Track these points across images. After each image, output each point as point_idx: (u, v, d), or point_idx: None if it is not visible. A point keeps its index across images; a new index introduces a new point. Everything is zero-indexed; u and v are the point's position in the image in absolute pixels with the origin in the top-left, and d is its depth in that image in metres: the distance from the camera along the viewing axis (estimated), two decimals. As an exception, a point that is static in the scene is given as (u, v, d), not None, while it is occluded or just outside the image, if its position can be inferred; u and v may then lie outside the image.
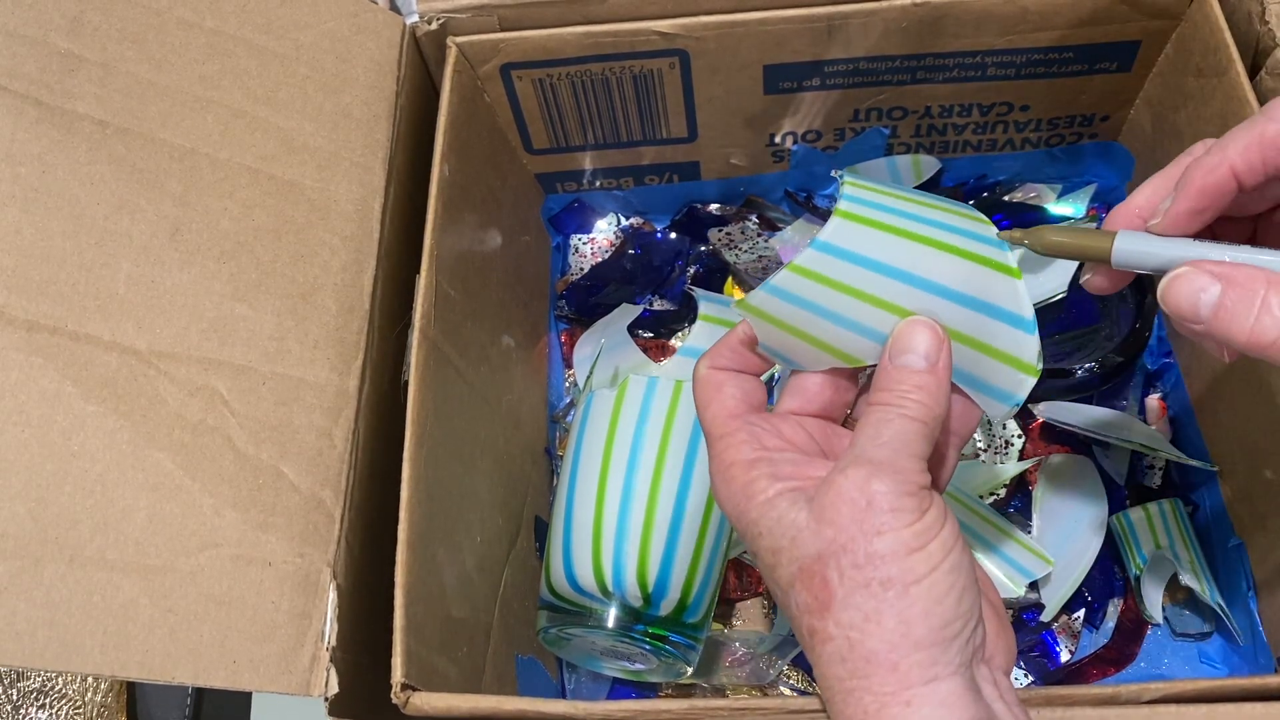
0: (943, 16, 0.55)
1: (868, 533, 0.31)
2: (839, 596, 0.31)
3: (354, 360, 0.48)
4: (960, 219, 0.37)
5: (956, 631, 0.31)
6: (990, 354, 0.37)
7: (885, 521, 0.31)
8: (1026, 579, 0.57)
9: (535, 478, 0.61)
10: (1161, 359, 0.63)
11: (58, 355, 0.42)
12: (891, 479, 0.32)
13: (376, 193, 0.52)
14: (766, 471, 0.34)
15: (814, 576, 0.32)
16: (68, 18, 0.47)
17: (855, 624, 0.31)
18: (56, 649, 0.38)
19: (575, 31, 0.56)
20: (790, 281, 0.36)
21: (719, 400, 0.36)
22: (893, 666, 0.31)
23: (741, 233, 0.69)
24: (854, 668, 0.31)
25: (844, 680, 0.31)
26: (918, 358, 0.35)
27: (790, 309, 0.36)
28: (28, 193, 0.43)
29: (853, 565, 0.31)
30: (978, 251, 0.37)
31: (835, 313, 0.36)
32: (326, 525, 0.44)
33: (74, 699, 0.61)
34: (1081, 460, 0.61)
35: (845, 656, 0.31)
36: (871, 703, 0.30)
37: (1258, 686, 0.39)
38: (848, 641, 0.31)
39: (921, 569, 0.31)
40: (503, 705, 0.40)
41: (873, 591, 0.31)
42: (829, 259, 0.36)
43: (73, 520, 0.40)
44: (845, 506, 0.32)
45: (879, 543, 0.31)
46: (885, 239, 0.36)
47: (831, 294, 0.36)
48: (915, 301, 0.36)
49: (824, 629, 0.32)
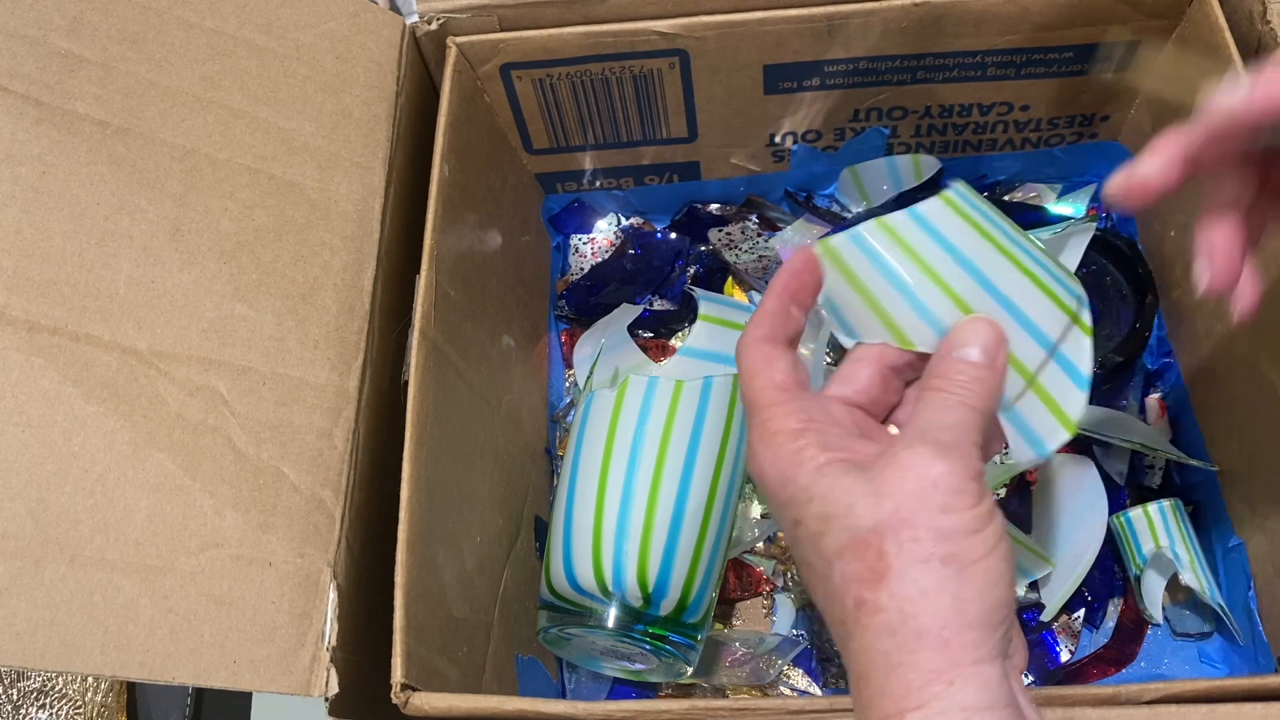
0: (943, 16, 0.55)
1: (931, 510, 0.31)
2: (895, 569, 0.31)
3: (354, 360, 0.48)
4: (1052, 263, 0.38)
5: (1003, 617, 0.32)
6: (1037, 391, 0.37)
7: (950, 501, 0.32)
8: (1026, 579, 0.57)
9: (535, 478, 0.61)
10: (1161, 359, 0.63)
11: (58, 355, 0.42)
12: (958, 461, 0.32)
13: (376, 193, 0.52)
14: (816, 440, 0.34)
15: (869, 547, 0.32)
16: (68, 18, 0.47)
17: (911, 597, 0.31)
18: (57, 649, 0.38)
19: (575, 31, 0.56)
20: (875, 236, 0.36)
21: (768, 372, 0.36)
22: (944, 643, 0.31)
23: (741, 233, 0.69)
24: (903, 641, 0.31)
25: (890, 654, 0.31)
26: (978, 352, 0.35)
27: (866, 265, 0.36)
28: (28, 193, 0.43)
29: (913, 539, 0.31)
30: (1059, 294, 0.37)
31: (906, 285, 0.36)
32: (327, 525, 0.44)
33: (74, 699, 0.61)
34: (1081, 460, 0.61)
35: (896, 629, 0.31)
36: (915, 679, 0.30)
37: (1258, 686, 0.39)
38: (900, 614, 0.31)
39: (980, 551, 0.31)
40: (503, 705, 0.40)
41: (932, 568, 0.31)
42: (919, 231, 0.36)
43: (73, 520, 0.40)
44: (910, 482, 0.32)
45: (943, 520, 0.31)
46: (977, 238, 0.36)
47: (909, 265, 0.36)
48: (984, 305, 0.36)
49: (875, 600, 0.31)
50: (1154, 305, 0.59)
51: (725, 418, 0.54)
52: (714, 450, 0.54)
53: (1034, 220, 0.67)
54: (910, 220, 0.36)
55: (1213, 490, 0.58)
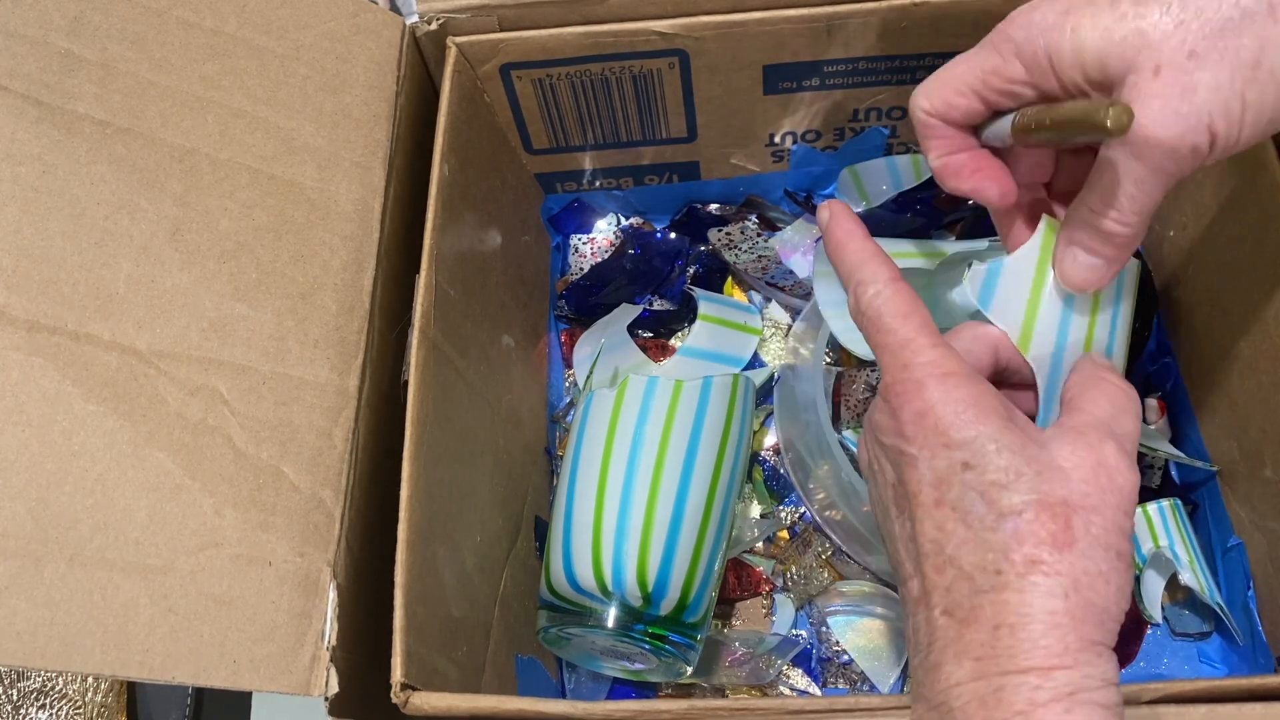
0: (943, 16, 0.55)
1: (1120, 508, 0.35)
2: (1080, 545, 0.34)
3: (354, 360, 0.48)
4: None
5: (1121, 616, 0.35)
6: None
7: (1131, 505, 0.35)
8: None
9: (535, 478, 0.61)
10: (1161, 359, 0.63)
11: (58, 355, 0.42)
12: (1136, 475, 0.36)
13: (376, 192, 0.52)
14: (992, 392, 0.37)
15: (1058, 516, 0.34)
16: (68, 18, 0.47)
17: (1089, 572, 0.34)
18: (57, 648, 0.38)
19: (575, 31, 0.56)
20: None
21: (920, 313, 0.38)
22: (1100, 622, 0.34)
23: (741, 233, 0.69)
24: (1072, 607, 0.33)
25: (1055, 614, 0.33)
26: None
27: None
28: (28, 193, 0.43)
29: (1101, 527, 0.34)
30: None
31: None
32: (326, 525, 0.44)
33: (74, 699, 0.61)
34: (1081, 460, 0.61)
35: (1069, 594, 0.33)
36: (1074, 641, 0.33)
37: (1257, 686, 0.39)
38: (1074, 584, 0.33)
39: (1131, 553, 0.35)
40: (502, 705, 0.40)
41: (1109, 557, 0.34)
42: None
43: (73, 520, 0.40)
44: (1104, 476, 0.35)
45: (1125, 521, 0.35)
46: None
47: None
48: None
49: (1054, 564, 0.34)
50: (1154, 305, 0.59)
51: (725, 417, 0.54)
52: (714, 450, 0.54)
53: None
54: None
55: (1212, 490, 0.58)
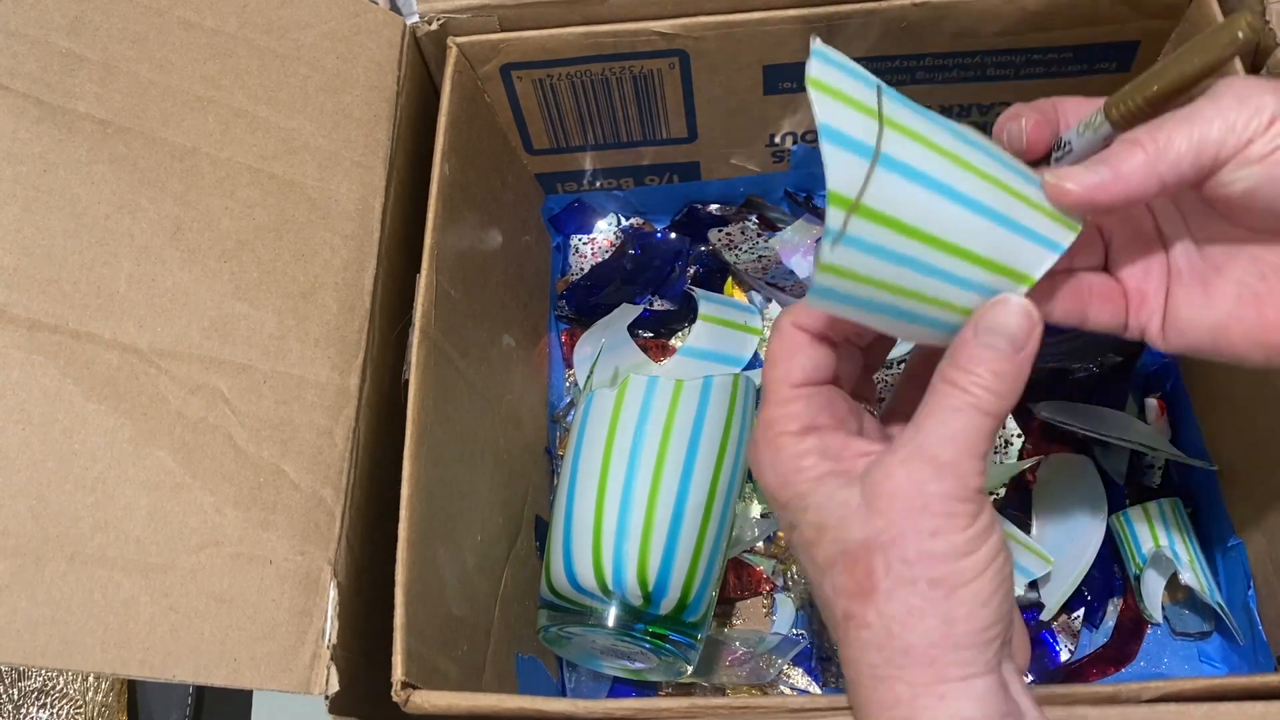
0: (943, 17, 0.55)
1: (921, 532, 0.31)
2: (883, 588, 0.31)
3: (354, 359, 0.48)
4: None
5: (995, 635, 0.32)
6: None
7: (940, 524, 0.31)
8: (1026, 578, 0.57)
9: (535, 477, 0.61)
10: (1161, 359, 0.63)
11: (59, 354, 0.42)
12: (952, 482, 0.32)
13: (377, 192, 0.52)
14: (817, 446, 0.34)
15: (858, 563, 0.32)
16: (68, 17, 0.47)
17: (897, 617, 0.31)
18: (57, 647, 0.38)
19: (575, 32, 0.56)
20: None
21: (786, 365, 0.35)
22: (930, 661, 0.31)
23: (741, 233, 0.69)
24: (889, 657, 0.31)
25: (877, 667, 0.31)
26: (1004, 340, 0.33)
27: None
28: (29, 192, 0.43)
29: (901, 560, 0.31)
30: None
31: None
32: (327, 523, 0.44)
33: (75, 698, 0.61)
34: (1081, 460, 0.61)
35: (883, 645, 0.31)
36: (905, 691, 0.31)
37: (1257, 685, 0.39)
38: (887, 632, 0.31)
39: (969, 573, 0.31)
40: (503, 704, 0.40)
41: (919, 590, 0.31)
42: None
43: (73, 518, 0.40)
44: (900, 502, 0.32)
45: (931, 544, 0.31)
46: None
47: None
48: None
49: (862, 615, 0.32)
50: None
51: (725, 417, 0.54)
52: (714, 449, 0.54)
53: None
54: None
55: (1213, 490, 0.58)
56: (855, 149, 0.31)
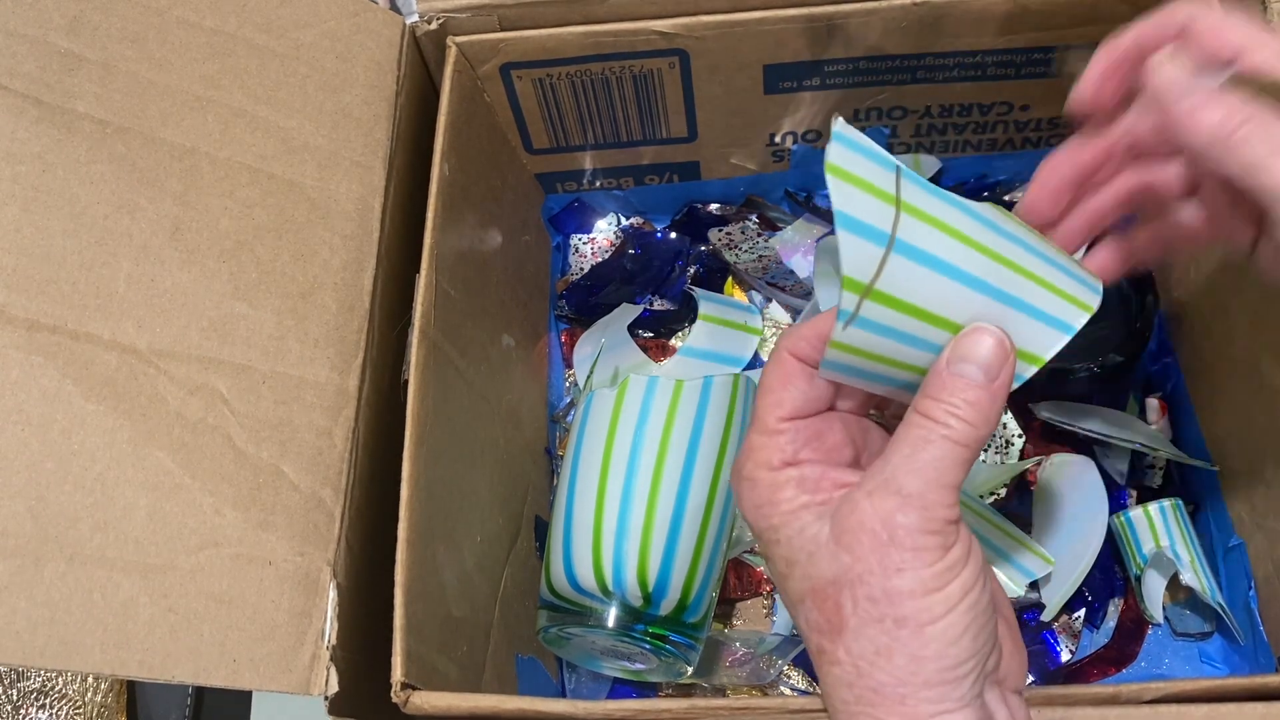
0: (943, 16, 0.55)
1: (887, 568, 0.31)
2: (851, 626, 0.31)
3: (354, 359, 0.48)
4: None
5: (969, 670, 0.31)
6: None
7: (906, 559, 0.31)
8: (1027, 579, 0.57)
9: (535, 477, 0.61)
10: (1161, 359, 0.63)
11: (58, 354, 0.42)
12: (918, 514, 0.31)
13: (376, 192, 0.52)
14: (795, 478, 0.34)
15: (827, 599, 0.32)
16: (68, 17, 0.47)
17: (865, 655, 0.31)
18: (56, 648, 0.38)
19: (575, 31, 0.56)
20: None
21: (778, 395, 0.34)
22: (900, 700, 0.30)
23: (741, 233, 0.69)
24: (860, 695, 0.31)
25: (849, 704, 0.31)
26: (976, 369, 0.32)
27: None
28: (28, 192, 0.43)
29: (868, 598, 0.31)
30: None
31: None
32: (327, 524, 0.44)
33: (74, 699, 0.61)
34: (1081, 460, 0.61)
35: (852, 683, 0.31)
36: None
37: (1258, 686, 0.39)
38: (856, 670, 0.31)
39: (939, 610, 0.31)
40: (503, 705, 0.40)
41: (885, 628, 0.30)
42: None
43: (73, 519, 0.40)
44: (866, 537, 0.31)
45: (897, 580, 0.30)
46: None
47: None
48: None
49: (833, 652, 0.31)
50: (1154, 305, 0.59)
51: (725, 417, 0.54)
52: (714, 450, 0.54)
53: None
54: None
55: (1213, 490, 0.58)
56: (870, 235, 0.32)
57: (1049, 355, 0.35)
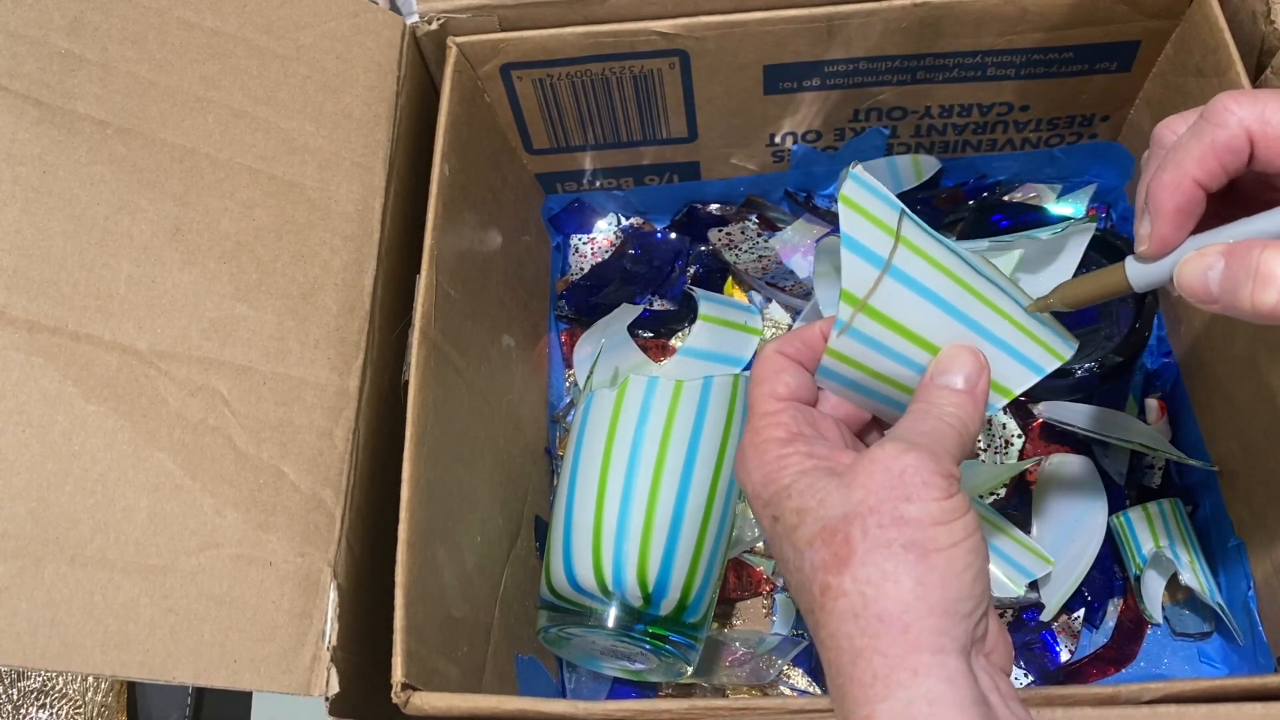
0: (943, 16, 0.55)
1: (896, 498, 0.32)
2: (859, 553, 0.32)
3: (354, 360, 0.48)
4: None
5: (969, 610, 0.32)
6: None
7: (916, 491, 0.33)
8: (1026, 579, 0.57)
9: (535, 478, 0.61)
10: (1161, 359, 0.63)
11: (58, 355, 0.42)
12: (927, 456, 0.33)
13: (377, 193, 0.52)
14: (803, 449, 0.36)
15: (836, 534, 0.33)
16: (68, 18, 0.47)
17: (872, 580, 0.32)
18: (57, 649, 0.38)
19: (575, 31, 0.56)
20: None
21: (772, 382, 0.38)
22: (905, 628, 0.31)
23: (741, 233, 0.69)
24: (865, 625, 0.31)
25: (854, 638, 0.31)
26: (958, 378, 0.37)
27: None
28: (28, 193, 0.43)
29: (878, 525, 0.32)
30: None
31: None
32: (327, 525, 0.44)
33: (74, 699, 0.61)
34: (1081, 460, 0.61)
35: (858, 613, 0.31)
36: (881, 664, 0.31)
37: (1258, 686, 0.39)
38: (862, 598, 0.31)
39: (944, 541, 0.32)
40: (503, 705, 0.40)
41: (894, 552, 0.32)
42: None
43: (73, 520, 0.40)
44: (879, 473, 0.33)
45: (907, 508, 0.32)
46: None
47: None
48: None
49: (839, 585, 0.32)
50: (1154, 305, 0.59)
51: (725, 417, 0.54)
52: (714, 450, 0.54)
53: (1034, 220, 0.67)
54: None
55: (1213, 490, 0.58)
56: (869, 258, 0.37)
57: (1019, 390, 0.39)
